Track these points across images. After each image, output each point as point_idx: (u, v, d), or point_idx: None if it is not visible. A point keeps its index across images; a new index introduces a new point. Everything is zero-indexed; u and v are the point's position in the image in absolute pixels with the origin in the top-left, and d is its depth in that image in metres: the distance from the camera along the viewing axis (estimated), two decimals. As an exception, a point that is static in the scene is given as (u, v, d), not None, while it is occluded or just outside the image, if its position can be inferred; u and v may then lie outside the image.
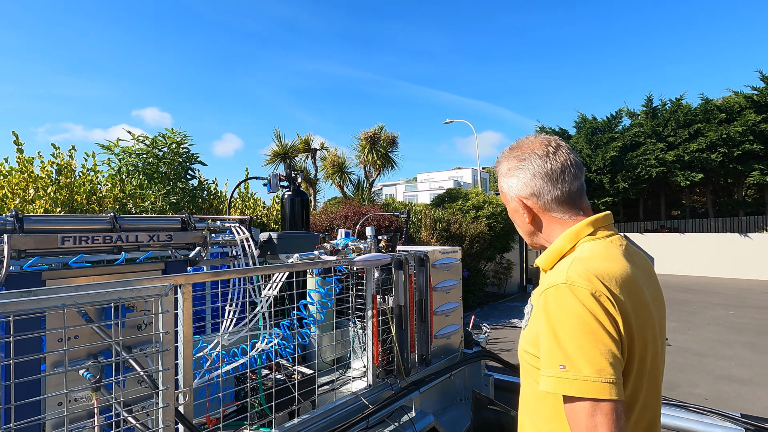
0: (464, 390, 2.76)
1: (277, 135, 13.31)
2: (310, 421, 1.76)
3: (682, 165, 15.76)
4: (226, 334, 1.91)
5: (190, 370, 1.30)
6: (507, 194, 1.16)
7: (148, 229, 1.95)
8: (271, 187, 3.08)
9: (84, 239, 1.70)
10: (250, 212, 5.24)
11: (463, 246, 8.52)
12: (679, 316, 8.33)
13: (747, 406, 4.20)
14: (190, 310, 1.29)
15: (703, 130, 15.35)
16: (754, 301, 9.80)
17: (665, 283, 12.87)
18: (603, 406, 0.82)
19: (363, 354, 2.24)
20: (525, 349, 1.05)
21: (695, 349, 6.18)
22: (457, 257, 2.77)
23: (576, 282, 0.90)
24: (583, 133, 17.78)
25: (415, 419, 2.05)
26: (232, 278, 2.01)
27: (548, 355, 0.89)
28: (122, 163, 4.32)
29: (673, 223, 17.94)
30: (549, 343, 0.89)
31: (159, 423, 1.17)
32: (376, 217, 6.62)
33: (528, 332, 1.04)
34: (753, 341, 6.54)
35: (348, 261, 1.98)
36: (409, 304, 2.26)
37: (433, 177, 40.49)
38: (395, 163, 13.62)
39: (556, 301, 0.91)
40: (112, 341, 1.16)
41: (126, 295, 1.11)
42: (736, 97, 15.41)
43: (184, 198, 4.39)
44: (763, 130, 14.40)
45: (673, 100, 16.42)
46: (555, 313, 0.90)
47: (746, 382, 4.91)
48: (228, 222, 2.39)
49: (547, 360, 0.89)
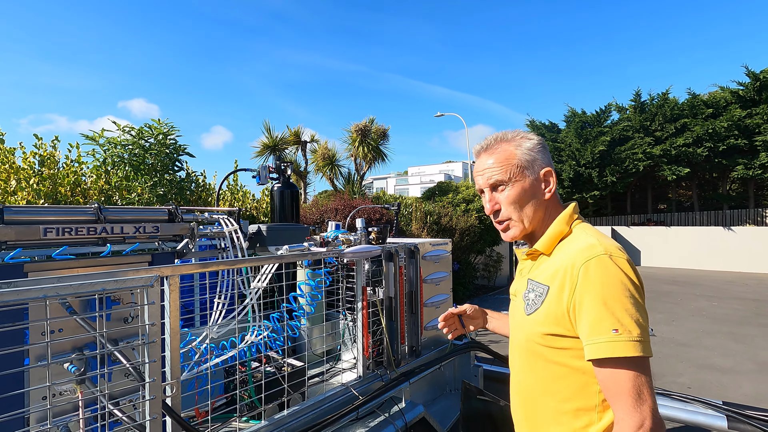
0: (454, 381, 2.78)
1: (266, 127, 13.17)
2: (300, 413, 1.76)
3: (668, 159, 15.98)
4: (215, 327, 1.90)
5: (178, 363, 1.28)
6: (532, 166, 1.14)
7: (134, 220, 1.92)
8: (260, 179, 3.05)
9: (67, 231, 1.67)
10: (240, 205, 5.19)
11: (454, 239, 8.55)
12: (664, 308, 8.49)
13: (728, 394, 4.31)
14: (177, 302, 1.27)
15: (690, 125, 15.57)
16: (736, 293, 10.03)
17: (651, 275, 13.10)
18: (645, 363, 0.92)
19: (353, 346, 2.24)
20: (542, 333, 1.06)
21: (679, 340, 6.31)
22: (447, 249, 2.78)
23: (614, 253, 0.98)
24: (572, 127, 17.91)
25: (405, 410, 2.06)
26: (221, 270, 1.99)
27: (598, 322, 0.93)
28: (107, 154, 4.23)
29: (659, 216, 18.23)
30: (598, 311, 0.93)
31: (146, 415, 1.16)
32: (367, 210, 6.61)
33: (543, 315, 1.06)
34: (734, 331, 6.70)
35: (338, 252, 1.98)
36: (399, 295, 2.26)
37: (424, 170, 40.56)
38: (386, 156, 13.60)
39: (600, 270, 0.96)
40: (97, 333, 1.14)
41: (110, 287, 1.09)
42: (722, 93, 15.63)
43: (171, 190, 4.33)
44: (747, 125, 14.66)
45: (660, 94, 16.60)
46: (601, 282, 0.95)
47: (728, 371, 5.04)
48: (216, 214, 2.36)
49: (596, 327, 0.93)
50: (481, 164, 1.18)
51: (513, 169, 1.13)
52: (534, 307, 1.10)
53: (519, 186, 1.13)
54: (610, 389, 0.93)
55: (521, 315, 1.16)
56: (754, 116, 14.59)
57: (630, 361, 0.90)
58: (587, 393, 1.01)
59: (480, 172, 1.18)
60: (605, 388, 0.95)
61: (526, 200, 1.13)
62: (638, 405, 0.89)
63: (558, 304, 1.02)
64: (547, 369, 1.06)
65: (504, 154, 1.15)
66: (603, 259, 0.97)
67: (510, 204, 1.14)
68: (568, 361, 1.03)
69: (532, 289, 1.13)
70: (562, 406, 1.04)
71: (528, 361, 1.12)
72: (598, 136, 16.93)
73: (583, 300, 0.96)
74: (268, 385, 1.74)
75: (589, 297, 0.96)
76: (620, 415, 0.92)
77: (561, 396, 1.04)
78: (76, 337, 1.17)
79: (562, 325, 1.02)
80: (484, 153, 1.19)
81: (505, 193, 1.14)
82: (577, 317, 0.98)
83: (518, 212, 1.14)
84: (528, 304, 1.13)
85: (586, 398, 1.01)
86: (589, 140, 17.12)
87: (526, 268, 1.22)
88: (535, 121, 19.50)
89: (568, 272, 1.01)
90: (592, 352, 0.94)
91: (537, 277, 1.13)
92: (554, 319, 1.03)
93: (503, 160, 1.14)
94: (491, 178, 1.15)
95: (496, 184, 1.15)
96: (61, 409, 1.23)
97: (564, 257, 1.06)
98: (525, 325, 1.13)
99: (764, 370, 5.02)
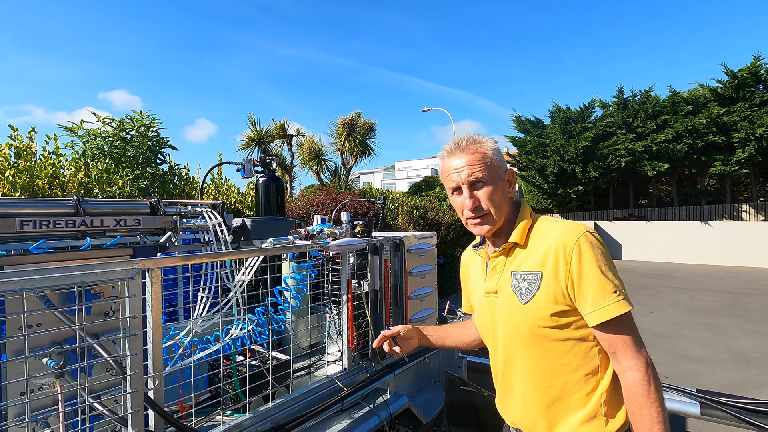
0: (438, 372, 2.82)
1: (251, 120, 13.01)
2: (284, 405, 1.77)
3: (649, 155, 16.31)
4: (199, 320, 1.88)
5: (160, 356, 1.27)
6: (500, 167, 1.24)
7: (115, 213, 1.89)
8: (244, 172, 3.02)
9: (45, 223, 1.63)
10: (224, 198, 5.13)
11: (440, 233, 8.61)
12: (644, 300, 8.72)
13: (702, 383, 4.46)
14: (159, 295, 1.26)
15: (670, 122, 15.90)
16: (712, 285, 10.34)
17: (632, 268, 13.41)
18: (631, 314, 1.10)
19: (339, 339, 2.25)
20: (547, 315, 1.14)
21: (658, 331, 6.49)
22: (432, 243, 2.80)
23: (590, 229, 1.15)
24: (557, 123, 18.12)
25: (390, 401, 2.09)
26: (204, 263, 1.97)
27: (601, 288, 1.08)
28: (87, 146, 4.13)
29: (640, 211, 18.63)
30: (599, 280, 1.08)
31: (128, 408, 1.15)
32: (353, 204, 6.60)
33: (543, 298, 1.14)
34: (710, 323, 6.92)
35: (322, 246, 1.98)
36: (385, 288, 2.28)
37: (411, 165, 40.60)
38: (373, 150, 13.57)
39: (588, 246, 1.11)
40: (76, 327, 1.12)
41: (90, 279, 1.07)
42: (702, 90, 15.99)
43: (154, 183, 4.25)
44: (725, 122, 15.04)
45: (642, 91, 16.90)
46: (593, 255, 1.10)
47: (702, 360, 5.21)
48: (200, 207, 2.33)
49: (601, 293, 1.07)
50: (456, 162, 1.23)
51: (489, 168, 1.21)
52: (530, 294, 1.17)
53: (495, 184, 1.22)
54: (616, 344, 1.08)
55: (514, 306, 1.20)
56: (732, 114, 14.97)
57: (628, 315, 1.08)
58: (590, 357, 1.15)
59: (458, 170, 1.22)
60: (611, 344, 1.09)
61: (499, 197, 1.22)
62: (640, 349, 1.08)
63: (555, 284, 1.13)
64: (556, 347, 1.16)
65: (479, 154, 1.21)
66: (588, 236, 1.12)
67: (489, 200, 1.21)
68: (572, 334, 1.15)
69: (522, 279, 1.19)
70: (573, 376, 1.16)
71: (535, 345, 1.18)
72: (581, 132, 17.17)
73: (583, 273, 1.09)
74: (252, 378, 1.74)
75: (587, 269, 1.09)
76: (629, 363, 1.07)
77: (571, 367, 1.16)
78: (53, 330, 1.15)
79: (562, 302, 1.13)
80: (459, 152, 1.23)
81: (483, 190, 1.21)
82: (578, 291, 1.10)
83: (495, 208, 1.22)
84: (522, 294, 1.18)
85: (590, 362, 1.15)
86: (573, 136, 17.35)
87: (500, 263, 1.28)
88: (521, 117, 19.65)
89: (560, 253, 1.12)
90: (602, 315, 1.07)
91: (521, 267, 1.21)
92: (554, 298, 1.13)
93: (480, 159, 1.21)
94: (472, 175, 1.20)
95: (475, 181, 1.21)
96: (41, 404, 1.21)
97: (548, 242, 1.16)
98: (525, 313, 1.18)
99: (737, 360, 5.21)
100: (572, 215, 19.40)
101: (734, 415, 2.29)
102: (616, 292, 1.07)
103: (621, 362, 1.08)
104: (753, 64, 14.68)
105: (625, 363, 1.07)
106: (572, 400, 1.16)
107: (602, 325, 1.08)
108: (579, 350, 1.15)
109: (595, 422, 1.14)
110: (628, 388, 1.07)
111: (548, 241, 1.16)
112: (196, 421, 1.66)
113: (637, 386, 1.05)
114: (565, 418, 1.17)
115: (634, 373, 1.06)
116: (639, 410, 1.05)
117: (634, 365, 1.06)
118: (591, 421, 1.14)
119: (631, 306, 1.08)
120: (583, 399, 1.15)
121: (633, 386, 1.06)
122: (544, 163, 17.99)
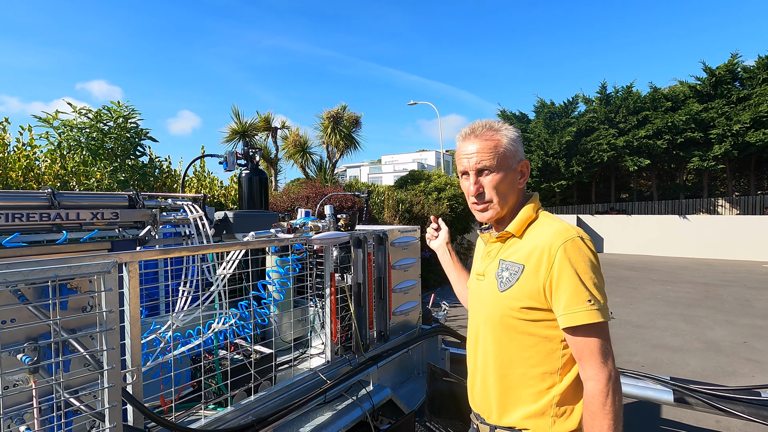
0: (422, 364, 2.85)
1: (235, 112, 12.79)
2: (267, 398, 1.77)
3: (631, 150, 16.65)
4: (180, 315, 1.87)
5: (139, 350, 1.26)
6: (513, 157, 1.25)
7: (91, 206, 1.85)
8: (227, 165, 2.97)
9: (18, 216, 1.59)
10: (207, 192, 5.05)
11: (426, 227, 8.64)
12: (623, 292, 8.94)
13: (676, 371, 4.62)
14: (137, 289, 1.25)
15: (651, 118, 16.24)
16: (688, 277, 10.66)
17: (613, 261, 13.72)
18: (607, 327, 1.11)
19: (322, 332, 2.26)
20: (518, 306, 1.17)
21: (635, 322, 6.67)
22: (416, 236, 2.82)
23: (583, 235, 1.15)
24: (541, 118, 18.33)
25: (373, 392, 2.11)
26: (184, 256, 1.95)
27: (575, 294, 1.08)
28: (62, 137, 4.01)
29: (621, 205, 19.04)
30: (574, 285, 1.09)
31: (105, 403, 1.14)
32: (338, 197, 6.58)
33: (518, 290, 1.17)
34: (685, 313, 7.15)
35: (305, 239, 1.97)
36: (368, 281, 2.29)
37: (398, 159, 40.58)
38: (359, 143, 13.51)
39: (575, 250, 1.11)
40: (51, 321, 1.10)
41: (63, 273, 1.05)
42: (681, 87, 16.35)
43: (133, 176, 4.17)
44: (703, 118, 15.43)
45: (624, 87, 17.20)
46: (576, 260, 1.10)
47: (677, 349, 5.39)
48: (180, 200, 2.30)
49: (573, 299, 1.08)
50: (469, 147, 1.24)
51: (500, 157, 1.22)
52: (509, 284, 1.20)
53: (503, 173, 1.23)
54: (582, 351, 1.10)
55: (493, 292, 1.24)
56: (710, 110, 15.37)
57: (599, 326, 1.08)
58: (552, 358, 1.17)
59: (468, 155, 1.24)
60: (578, 350, 1.11)
61: (506, 187, 1.24)
62: (605, 361, 1.08)
63: (534, 280, 1.15)
64: (519, 339, 1.19)
65: (493, 142, 1.23)
66: (577, 241, 1.13)
67: (493, 189, 1.23)
68: (539, 331, 1.17)
69: (506, 268, 1.22)
70: (531, 370, 1.18)
71: (503, 332, 1.22)
72: (565, 127, 17.41)
73: (562, 276, 1.10)
74: (235, 372, 1.74)
75: (567, 273, 1.10)
76: (591, 372, 1.09)
77: (531, 362, 1.18)
78: (27, 325, 1.13)
79: (536, 299, 1.15)
80: (473, 137, 1.25)
81: (489, 178, 1.23)
82: (554, 292, 1.12)
83: (498, 197, 1.23)
84: (502, 282, 1.22)
85: (551, 363, 1.17)
86: (557, 131, 17.59)
87: (495, 250, 1.31)
88: (506, 111, 19.83)
89: (545, 252, 1.14)
90: (571, 320, 1.08)
91: (509, 257, 1.24)
92: (529, 293, 1.15)
93: (492, 147, 1.22)
94: (480, 163, 1.22)
95: (482, 169, 1.23)
96: (15, 400, 1.19)
97: (538, 239, 1.18)
98: (499, 300, 1.21)
99: (709, 348, 5.40)
100: (555, 209, 19.72)
101: (705, 402, 2.38)
102: (590, 301, 1.07)
103: (585, 370, 1.11)
104: (730, 61, 15.07)
105: (588, 372, 1.09)
106: (523, 393, 1.19)
107: (571, 330, 1.10)
108: (542, 348, 1.17)
109: (541, 420, 1.16)
110: (587, 396, 1.10)
111: (539, 239, 1.18)
112: (177, 415, 1.65)
113: (595, 396, 1.07)
114: (513, 409, 1.20)
115: (594, 383, 1.08)
116: (592, 419, 1.08)
117: (596, 376, 1.08)
118: (538, 418, 1.17)
119: (605, 319, 1.08)
120: (534, 395, 1.18)
121: (591, 395, 1.08)
122: (528, 158, 18.14)
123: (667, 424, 3.59)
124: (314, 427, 1.78)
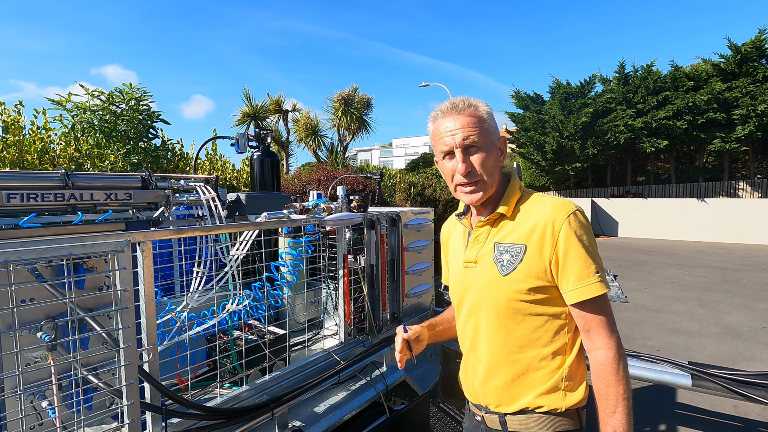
0: (435, 346, 2.85)
1: (246, 95, 12.76)
2: (281, 377, 1.78)
3: (649, 132, 16.18)
4: (195, 295, 1.88)
5: (154, 329, 1.26)
6: (494, 134, 1.19)
7: (105, 187, 1.85)
8: (239, 147, 2.96)
9: (32, 197, 1.60)
10: (219, 174, 5.06)
11: (437, 210, 8.59)
12: (638, 276, 8.82)
13: (694, 355, 4.56)
14: (151, 268, 1.24)
15: (671, 98, 15.71)
16: (705, 262, 10.45)
17: (628, 245, 13.51)
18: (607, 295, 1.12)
19: (335, 313, 2.26)
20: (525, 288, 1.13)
21: (650, 306, 6.59)
22: (429, 218, 2.78)
23: (579, 208, 1.14)
24: (557, 99, 17.87)
25: (386, 374, 2.11)
26: (198, 236, 1.95)
27: (586, 268, 1.09)
28: (76, 120, 4.03)
29: (638, 188, 18.63)
30: (584, 259, 1.09)
31: (122, 381, 1.15)
32: (350, 180, 6.55)
33: (524, 272, 1.13)
34: (702, 297, 7.02)
35: (318, 220, 1.95)
36: (381, 263, 2.27)
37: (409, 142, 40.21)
38: (370, 126, 13.41)
39: (578, 225, 1.11)
40: (66, 300, 1.10)
41: (77, 251, 1.05)
42: (704, 65, 15.72)
43: (146, 158, 4.18)
44: (726, 98, 14.86)
45: (644, 66, 16.61)
46: (581, 234, 1.10)
47: (694, 334, 5.31)
48: (193, 181, 2.29)
49: (585, 272, 1.08)
50: (451, 124, 1.16)
51: (484, 133, 1.16)
52: (511, 266, 1.14)
53: (488, 150, 1.17)
54: (591, 323, 1.10)
55: (494, 277, 1.18)
56: (734, 90, 14.78)
57: (605, 297, 1.11)
58: (561, 335, 1.16)
59: (452, 132, 1.16)
60: (587, 322, 1.11)
61: (492, 164, 1.18)
62: (612, 329, 1.10)
63: (539, 259, 1.12)
64: (528, 321, 1.16)
65: (476, 117, 1.16)
66: (578, 215, 1.12)
67: (481, 166, 1.16)
68: (548, 310, 1.15)
69: (505, 251, 1.17)
70: (542, 351, 1.16)
71: (509, 318, 1.17)
72: (581, 108, 16.96)
73: (569, 251, 1.09)
74: (249, 352, 1.74)
75: (574, 248, 1.09)
76: (601, 342, 1.09)
77: (542, 342, 1.16)
78: (43, 303, 1.13)
79: (542, 278, 1.12)
80: (455, 113, 1.17)
81: (477, 155, 1.16)
82: (561, 267, 1.10)
83: (488, 175, 1.17)
84: (503, 266, 1.16)
85: (560, 340, 1.16)
86: (573, 112, 17.14)
87: (484, 234, 1.24)
88: (521, 93, 19.36)
89: (548, 228, 1.11)
90: (583, 294, 1.08)
91: (506, 239, 1.18)
92: (536, 273, 1.12)
93: (476, 123, 1.15)
94: (467, 139, 1.14)
95: (470, 145, 1.15)
96: (35, 377, 1.21)
97: (537, 216, 1.14)
98: (503, 285, 1.16)
99: (727, 333, 5.31)
100: (569, 192, 19.41)
101: (724, 386, 2.34)
102: (598, 273, 1.08)
103: (593, 340, 1.11)
104: (758, 37, 14.38)
105: (598, 342, 1.10)
106: (537, 376, 1.17)
107: (581, 304, 1.10)
108: (551, 326, 1.16)
109: (554, 395, 1.16)
110: (599, 365, 1.09)
111: (537, 216, 1.14)
112: (193, 393, 1.67)
113: (608, 364, 1.08)
114: (526, 393, 1.18)
115: (605, 351, 1.08)
116: (606, 387, 1.08)
117: (606, 344, 1.09)
118: (550, 393, 1.16)
119: (609, 289, 1.11)
120: (547, 375, 1.16)
121: (603, 364, 1.08)
122: (542, 140, 17.83)
123: (683, 408, 3.56)
124: (329, 406, 1.79)
